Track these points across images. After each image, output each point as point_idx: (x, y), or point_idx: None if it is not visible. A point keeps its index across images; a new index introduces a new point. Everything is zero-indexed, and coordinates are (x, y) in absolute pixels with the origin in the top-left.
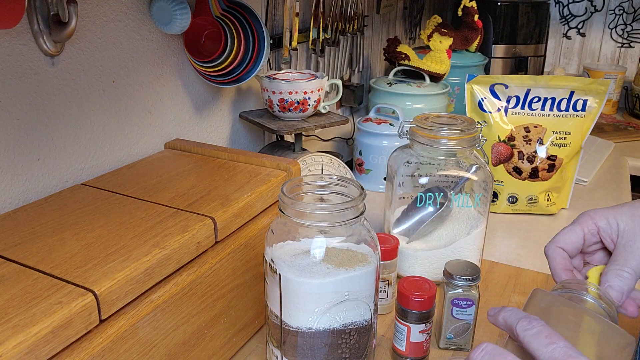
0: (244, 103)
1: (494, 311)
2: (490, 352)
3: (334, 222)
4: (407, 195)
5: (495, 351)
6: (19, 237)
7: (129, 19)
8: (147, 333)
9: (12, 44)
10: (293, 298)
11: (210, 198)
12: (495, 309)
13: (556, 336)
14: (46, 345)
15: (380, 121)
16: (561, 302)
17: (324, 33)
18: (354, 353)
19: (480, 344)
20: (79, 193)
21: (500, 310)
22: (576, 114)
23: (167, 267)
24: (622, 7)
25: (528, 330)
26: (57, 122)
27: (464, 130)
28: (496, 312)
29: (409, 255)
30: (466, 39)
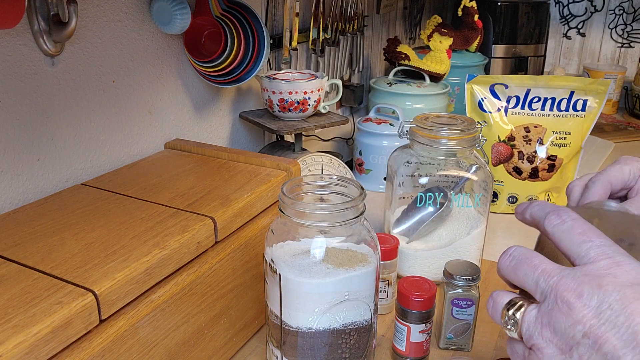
0: (244, 103)
1: (521, 207)
2: (517, 256)
3: (334, 222)
4: (407, 195)
5: (523, 255)
6: (19, 237)
7: (129, 19)
8: (147, 333)
9: (12, 44)
10: (293, 298)
11: (210, 198)
12: (523, 205)
13: (591, 232)
14: (46, 345)
15: (380, 121)
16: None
17: (324, 33)
18: (354, 353)
19: (507, 249)
20: (79, 193)
21: (528, 206)
22: (576, 114)
23: (167, 267)
24: (622, 7)
25: (558, 225)
26: (57, 122)
27: (464, 130)
28: (524, 209)
29: (409, 255)
30: (466, 39)
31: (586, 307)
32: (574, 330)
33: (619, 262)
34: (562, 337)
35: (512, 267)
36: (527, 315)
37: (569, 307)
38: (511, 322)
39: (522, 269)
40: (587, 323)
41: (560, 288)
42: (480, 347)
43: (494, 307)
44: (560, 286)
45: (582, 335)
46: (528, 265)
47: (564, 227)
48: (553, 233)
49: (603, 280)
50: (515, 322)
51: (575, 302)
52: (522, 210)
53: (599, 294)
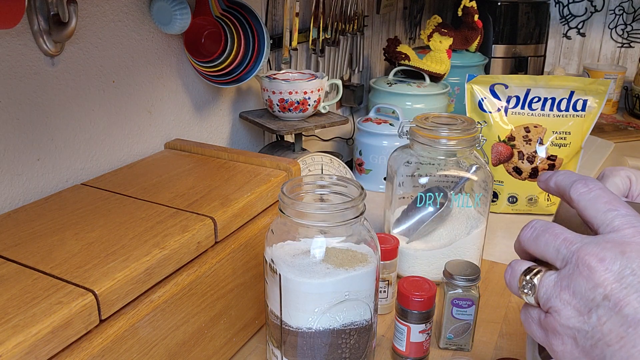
0: (244, 103)
1: (545, 176)
2: (538, 227)
3: (334, 222)
4: (407, 195)
5: (544, 226)
6: (19, 237)
7: (129, 19)
8: (147, 333)
9: (12, 44)
10: (293, 298)
11: (210, 198)
12: (546, 174)
13: (617, 201)
14: (46, 345)
15: (380, 121)
16: None
17: (324, 33)
18: (354, 353)
19: (529, 222)
20: (79, 193)
21: (553, 174)
22: (576, 114)
23: (167, 267)
24: (622, 7)
25: (584, 193)
26: (57, 122)
27: (464, 130)
28: (548, 177)
29: (409, 255)
30: (466, 39)
31: (608, 271)
32: (594, 292)
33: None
34: (581, 299)
35: (534, 238)
36: (546, 279)
37: (590, 270)
38: (529, 287)
39: (543, 238)
40: (608, 286)
41: (582, 253)
42: (480, 347)
43: (512, 275)
44: (582, 251)
45: (602, 297)
46: (550, 234)
47: (591, 196)
48: (579, 200)
49: (627, 247)
50: (532, 285)
51: (597, 265)
52: (545, 178)
53: (622, 260)
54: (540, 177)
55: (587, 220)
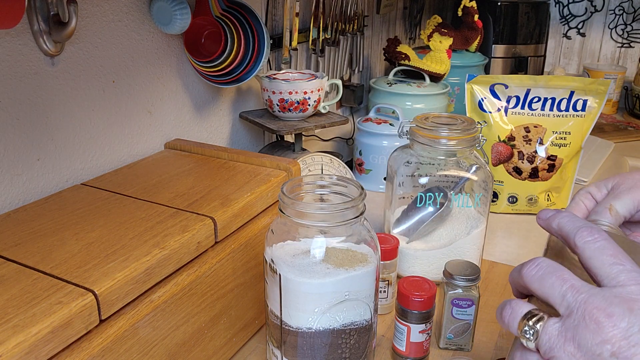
0: (244, 103)
1: (546, 214)
2: (545, 268)
3: (334, 222)
4: (407, 195)
5: (550, 268)
6: (19, 237)
7: (129, 19)
8: (147, 333)
9: (12, 44)
10: (293, 298)
11: (210, 198)
12: (547, 212)
13: (622, 255)
14: (46, 345)
15: (380, 121)
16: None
17: (324, 33)
18: (354, 353)
19: (534, 259)
20: (79, 193)
21: (555, 214)
22: (576, 114)
23: (167, 267)
24: (622, 7)
25: (590, 242)
26: (57, 122)
27: (464, 130)
28: (550, 216)
29: (409, 255)
30: (466, 39)
31: (616, 327)
32: (601, 348)
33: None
34: (586, 354)
35: (539, 277)
36: (549, 327)
37: (598, 325)
38: (531, 332)
39: (549, 281)
40: (616, 343)
41: (589, 305)
42: (480, 347)
43: (512, 316)
44: (589, 304)
45: (609, 354)
46: (557, 277)
47: (596, 246)
48: (584, 249)
49: (634, 305)
50: (535, 332)
51: (604, 321)
52: (547, 217)
53: (630, 317)
54: (540, 214)
55: (591, 270)
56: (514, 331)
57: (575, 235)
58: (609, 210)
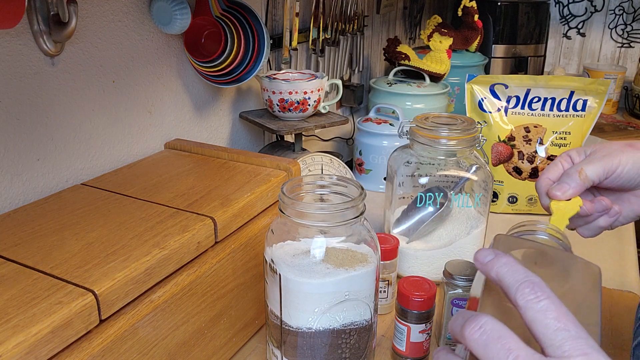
0: (244, 103)
1: (485, 257)
2: (489, 332)
3: (334, 222)
4: (407, 195)
5: (495, 333)
6: (19, 237)
7: (129, 19)
8: (147, 333)
9: (12, 44)
10: (293, 298)
11: (210, 198)
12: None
13: (566, 317)
14: (46, 345)
15: (380, 121)
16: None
17: (324, 33)
18: (354, 353)
19: (477, 318)
20: (79, 193)
21: (494, 259)
22: (576, 114)
23: (167, 267)
24: (622, 7)
25: (532, 302)
26: (57, 122)
27: (464, 130)
28: (488, 261)
29: (409, 255)
30: (466, 39)
31: None
32: None
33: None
34: None
35: (483, 343)
36: None
37: None
38: None
39: (493, 349)
40: None
41: None
42: None
43: None
44: None
45: None
46: (502, 346)
47: (539, 307)
48: (525, 309)
49: None
50: None
51: None
52: (486, 261)
53: None
54: (478, 256)
55: (533, 333)
56: None
57: (517, 292)
58: (579, 173)
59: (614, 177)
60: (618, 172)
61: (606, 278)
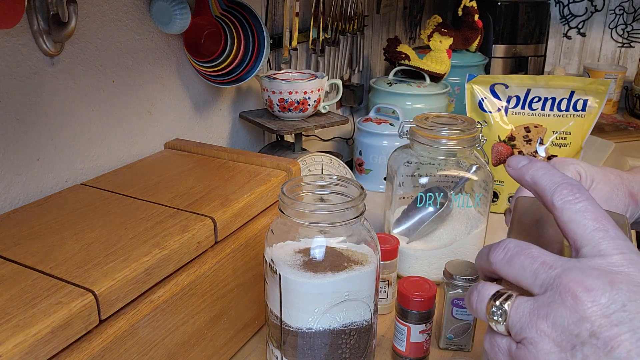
0: (244, 103)
1: (517, 163)
2: (512, 249)
3: (334, 222)
4: (407, 195)
5: (518, 247)
6: (19, 237)
7: (129, 18)
8: (147, 333)
9: (12, 44)
10: (293, 298)
11: (210, 198)
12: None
13: (606, 219)
14: (46, 346)
15: (380, 121)
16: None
17: (324, 33)
18: (354, 353)
19: (501, 242)
20: (79, 193)
21: (529, 164)
22: (576, 114)
23: (167, 267)
24: (623, 7)
25: (570, 202)
26: (57, 122)
27: (464, 130)
28: (522, 166)
29: (409, 255)
30: (466, 38)
31: (595, 303)
32: (579, 327)
33: (632, 260)
34: (563, 333)
35: (507, 260)
36: (520, 306)
37: (575, 300)
38: (498, 313)
39: (518, 261)
40: (596, 322)
41: (565, 279)
42: (480, 347)
43: (479, 299)
44: (564, 277)
45: (589, 334)
46: (526, 256)
47: (578, 207)
48: (562, 209)
49: (616, 277)
50: (503, 312)
51: (583, 295)
52: (519, 166)
53: (610, 292)
54: (510, 162)
55: (569, 234)
56: (483, 315)
57: (554, 193)
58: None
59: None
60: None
61: None
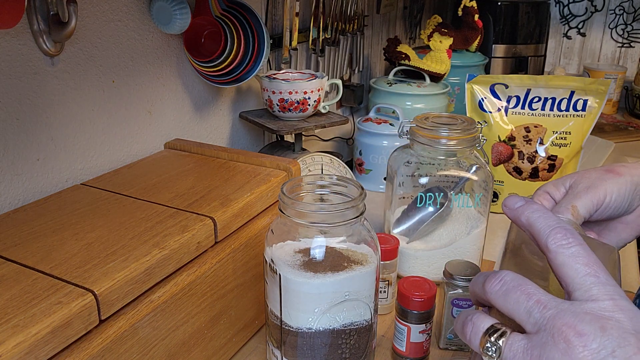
0: (244, 103)
1: (514, 203)
2: (509, 281)
3: (334, 222)
4: (407, 195)
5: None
6: (19, 237)
7: (129, 18)
8: (147, 333)
9: (12, 44)
10: (293, 298)
11: (210, 198)
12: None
13: (597, 265)
14: (46, 346)
15: (380, 121)
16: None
17: (324, 33)
18: (354, 353)
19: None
20: (79, 193)
21: (525, 205)
22: (576, 114)
23: (167, 267)
24: (623, 7)
25: (564, 247)
26: (57, 122)
27: (464, 130)
28: (518, 207)
29: (409, 255)
30: (466, 38)
31: (586, 348)
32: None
33: (622, 306)
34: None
35: (503, 293)
36: (514, 344)
37: (568, 344)
38: (493, 349)
39: (514, 296)
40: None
41: (558, 322)
42: None
43: (473, 331)
44: (558, 319)
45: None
46: (522, 292)
47: (570, 252)
48: (556, 253)
49: (607, 323)
50: (497, 348)
51: (574, 340)
52: (515, 207)
53: (601, 338)
54: (507, 202)
55: (562, 278)
56: (476, 348)
57: (548, 237)
58: (571, 210)
59: (603, 209)
60: (606, 203)
61: None
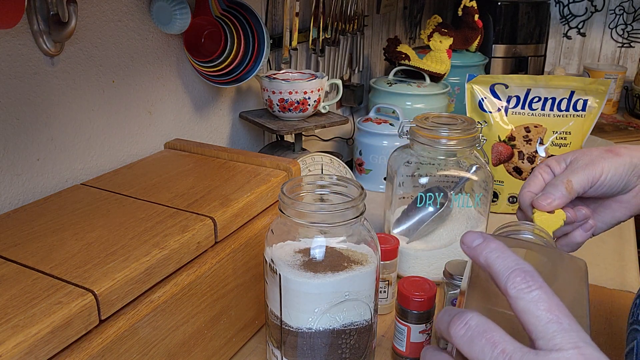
0: (244, 103)
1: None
2: (474, 327)
3: (334, 222)
4: (407, 195)
5: (480, 328)
6: (19, 237)
7: (129, 18)
8: (147, 333)
9: (12, 44)
10: (293, 298)
11: (210, 198)
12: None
13: (558, 309)
14: (46, 346)
15: (380, 121)
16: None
17: (324, 33)
18: (354, 353)
19: (463, 315)
20: (79, 193)
21: (483, 244)
22: (576, 114)
23: (167, 267)
24: (623, 7)
25: (523, 291)
26: (57, 122)
27: (464, 130)
28: (476, 245)
29: (409, 255)
30: (466, 38)
31: None
32: None
33: (587, 355)
34: None
35: (468, 339)
36: None
37: None
38: None
39: (479, 344)
40: None
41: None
42: None
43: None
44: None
45: None
46: (487, 340)
47: (530, 297)
48: (516, 299)
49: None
50: None
51: None
52: (474, 245)
53: None
54: (465, 239)
55: (524, 325)
56: None
57: (507, 281)
58: (566, 184)
59: (597, 186)
60: (601, 181)
61: (606, 278)
